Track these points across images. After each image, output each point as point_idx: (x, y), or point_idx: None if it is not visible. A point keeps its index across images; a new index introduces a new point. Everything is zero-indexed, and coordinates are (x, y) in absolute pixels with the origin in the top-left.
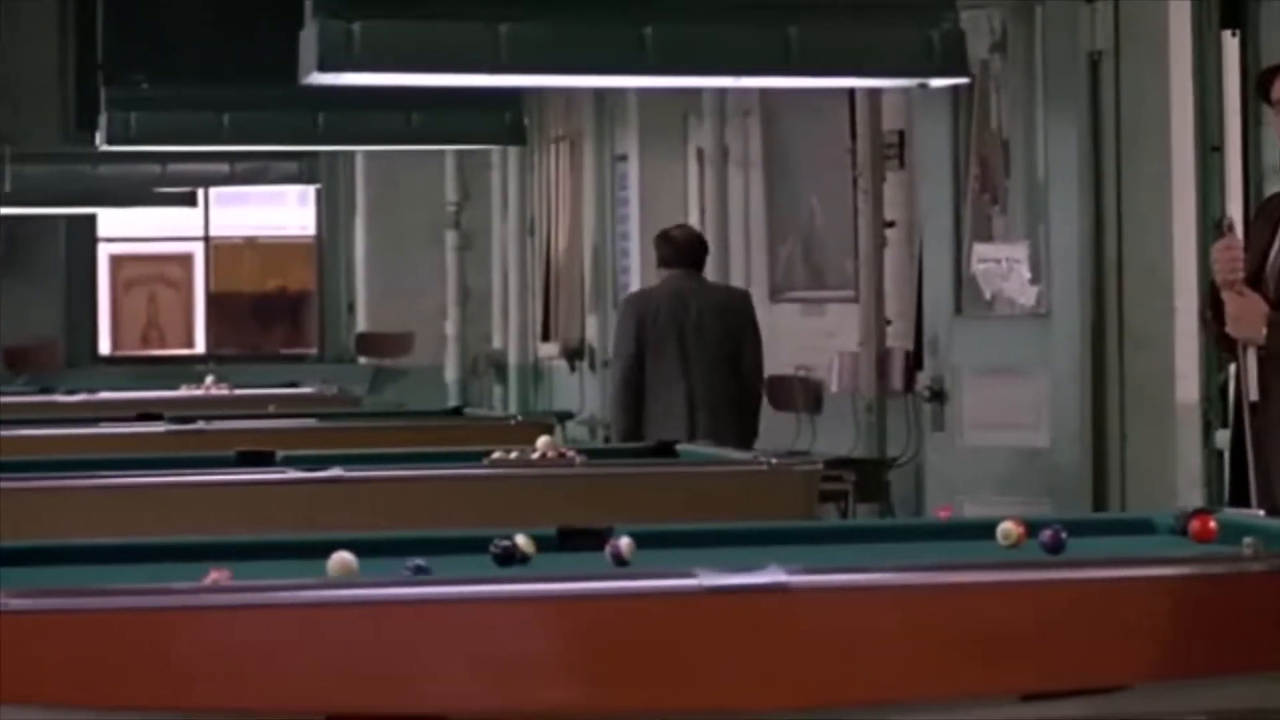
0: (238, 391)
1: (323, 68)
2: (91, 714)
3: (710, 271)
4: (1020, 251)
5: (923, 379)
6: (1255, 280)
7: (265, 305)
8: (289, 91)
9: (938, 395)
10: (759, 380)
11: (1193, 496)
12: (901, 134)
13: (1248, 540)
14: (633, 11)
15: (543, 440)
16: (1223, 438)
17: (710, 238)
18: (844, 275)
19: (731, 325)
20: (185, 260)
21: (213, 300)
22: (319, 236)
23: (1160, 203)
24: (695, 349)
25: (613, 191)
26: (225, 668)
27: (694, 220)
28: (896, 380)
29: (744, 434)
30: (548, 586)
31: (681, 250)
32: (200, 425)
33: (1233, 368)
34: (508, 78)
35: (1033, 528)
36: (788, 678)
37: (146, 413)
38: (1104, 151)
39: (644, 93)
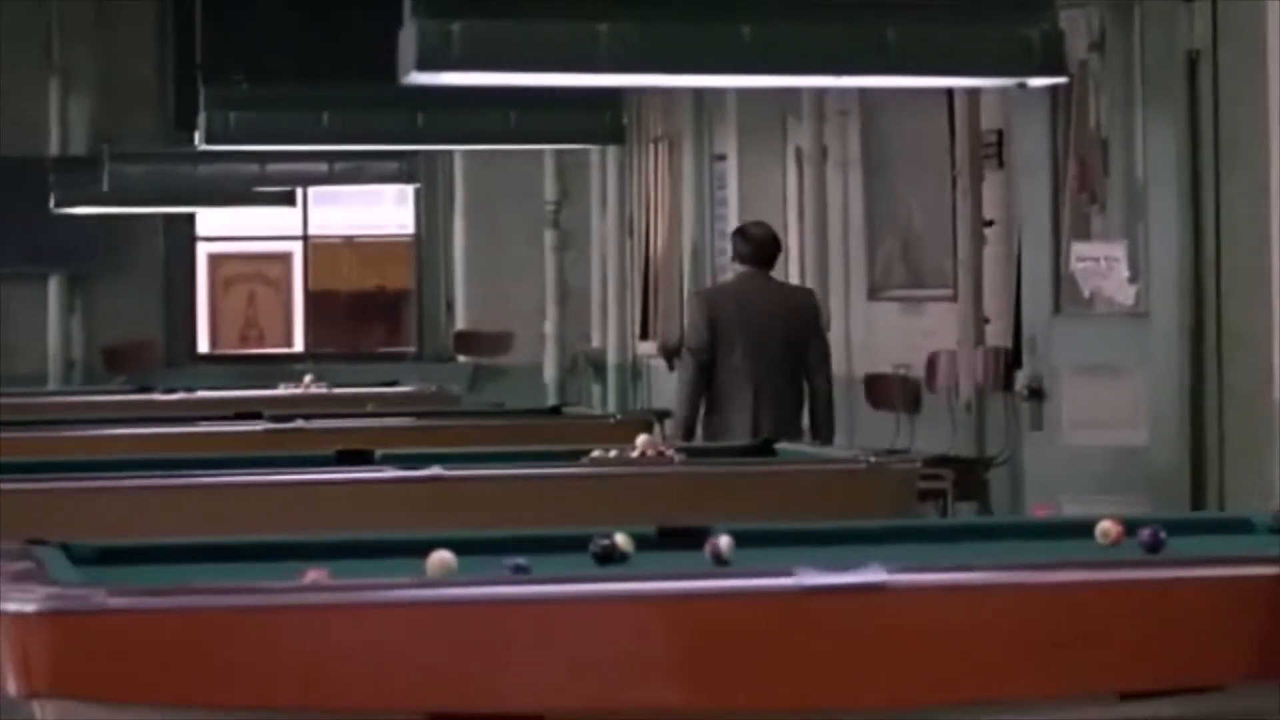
0: (336, 390)
1: (422, 67)
2: (190, 712)
3: (810, 270)
4: (1118, 250)
5: (1021, 378)
6: None
7: (364, 304)
8: (388, 91)
9: (1036, 394)
10: (827, 378)
11: None
12: (1000, 133)
13: None
14: (732, 11)
15: (642, 439)
16: None
17: (809, 237)
18: (942, 274)
19: (797, 325)
20: (284, 259)
21: (311, 299)
22: (418, 235)
23: (1259, 201)
24: (761, 347)
25: (711, 191)
26: (323, 667)
27: (793, 220)
28: (995, 379)
29: (818, 432)
30: (647, 586)
31: (757, 248)
32: (299, 424)
33: None
34: (607, 77)
35: (1131, 527)
36: (886, 676)
37: (245, 412)
38: (1202, 150)
39: (743, 92)
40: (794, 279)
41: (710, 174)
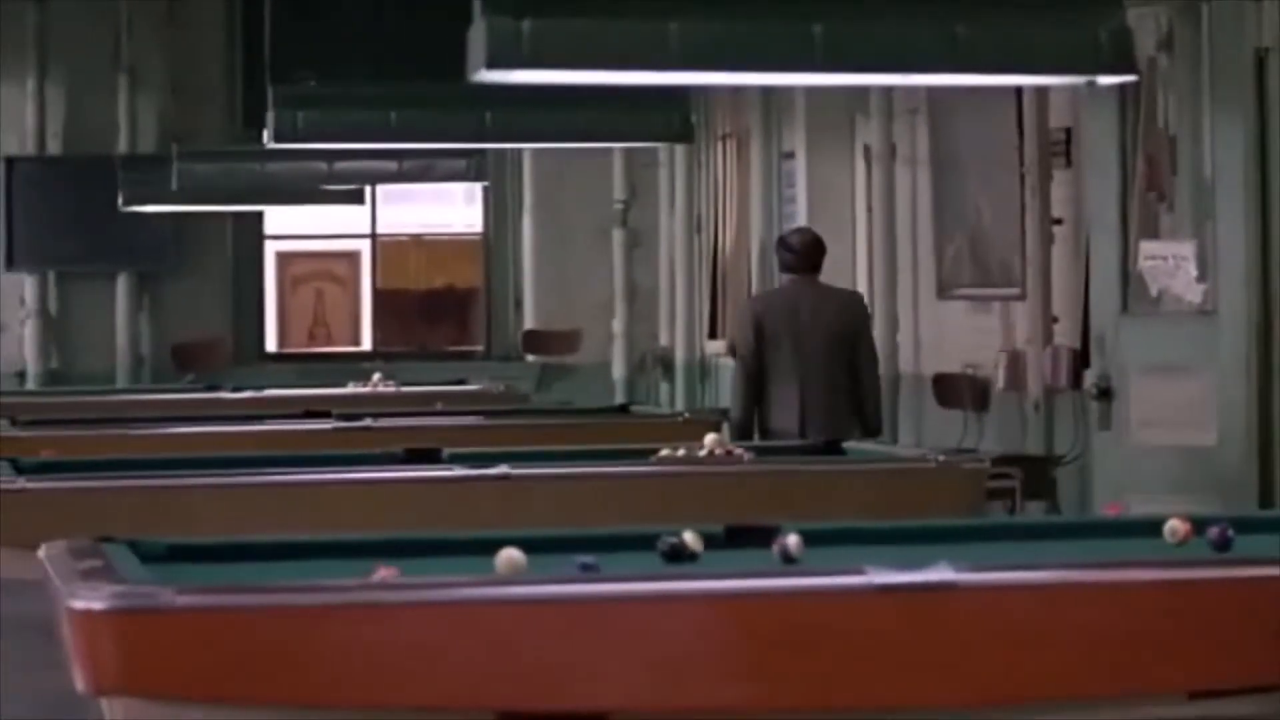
0: (404, 389)
1: (491, 66)
2: (258, 711)
3: (878, 269)
4: (1187, 249)
5: (1090, 376)
6: None
7: (432, 302)
8: (457, 89)
9: (1105, 393)
10: (875, 381)
11: None
12: (1068, 131)
13: None
14: (802, 9)
15: (710, 438)
16: None
17: (877, 235)
18: (1011, 273)
19: (846, 328)
20: (352, 258)
21: (379, 297)
22: (486, 234)
23: None
24: (808, 350)
25: (779, 189)
26: (394, 665)
27: (861, 218)
28: (1063, 378)
29: (866, 431)
30: (715, 584)
31: (802, 255)
32: (367, 423)
33: None
34: (676, 75)
35: (1200, 526)
36: (955, 675)
37: (314, 410)
38: (1271, 148)
39: (811, 90)
40: (862, 278)
41: (778, 172)
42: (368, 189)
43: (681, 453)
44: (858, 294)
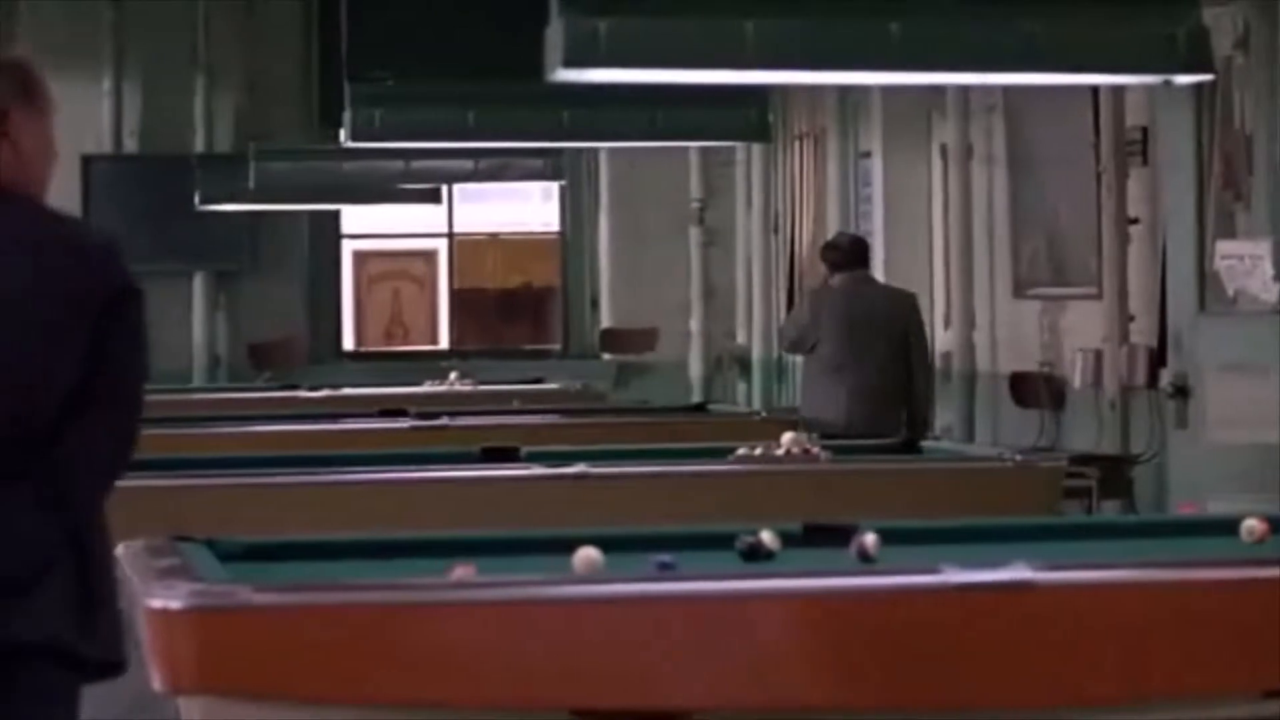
0: (481, 387)
1: (569, 65)
2: (334, 709)
3: (954, 268)
4: (1263, 248)
5: (1166, 375)
6: None
7: (509, 301)
8: (534, 88)
9: (1181, 392)
10: (926, 378)
11: None
12: (1145, 131)
13: None
14: (879, 8)
15: (787, 436)
16: None
17: (954, 235)
18: (1087, 272)
19: (897, 323)
20: (429, 256)
21: (456, 296)
22: (563, 233)
23: None
24: (861, 344)
25: (856, 188)
26: (470, 663)
27: (937, 217)
28: (1140, 377)
29: (913, 425)
30: (793, 583)
31: (849, 253)
32: (444, 421)
33: None
34: (753, 74)
35: (1276, 524)
36: (1032, 674)
37: (390, 409)
38: None
39: (888, 89)
40: (938, 277)
41: (855, 171)
42: (444, 188)
43: (759, 451)
44: (911, 292)
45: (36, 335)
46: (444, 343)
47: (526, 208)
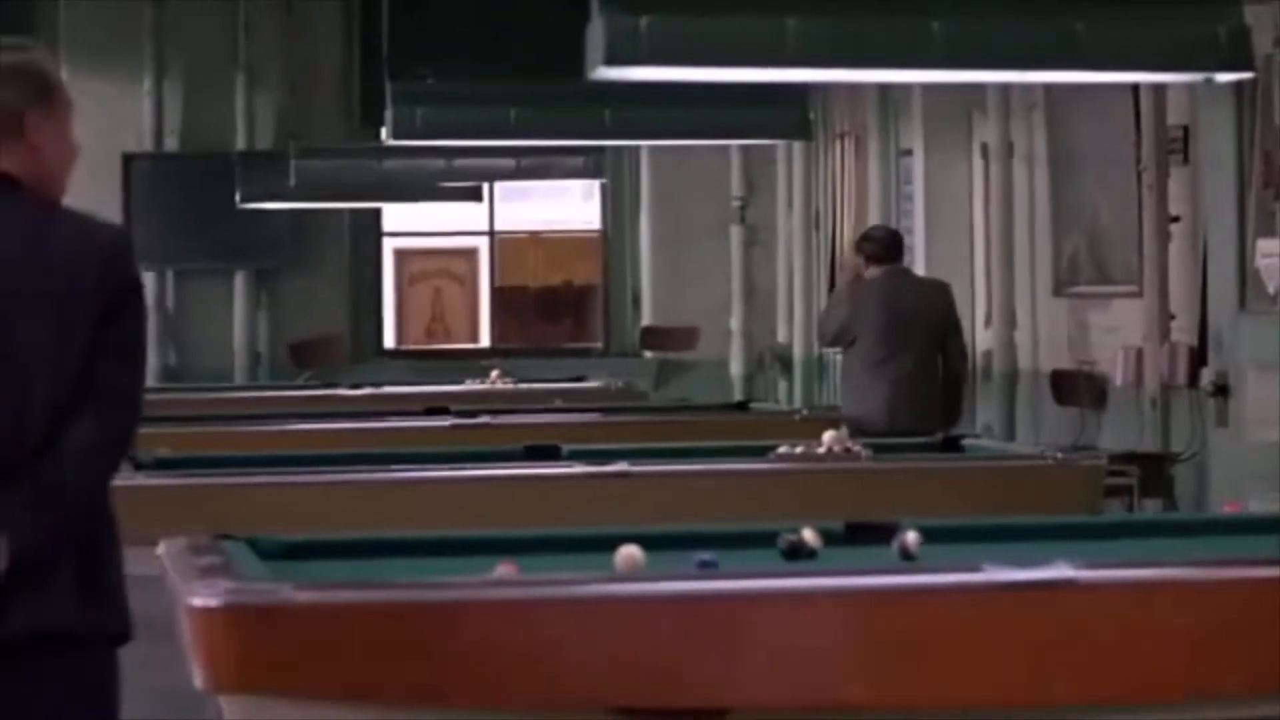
0: (522, 386)
1: (610, 63)
2: (377, 707)
3: (995, 266)
4: None
5: (1207, 374)
6: None
7: (550, 300)
8: (575, 86)
9: (1222, 390)
10: (963, 366)
11: None
12: (1186, 129)
13: None
14: (920, 6)
15: (828, 435)
16: None
17: (995, 233)
18: (1128, 270)
19: (936, 316)
20: (470, 255)
21: (497, 294)
22: (604, 231)
23: None
24: (901, 336)
25: (897, 186)
26: (512, 661)
27: (978, 216)
28: (1180, 375)
29: (949, 416)
30: (834, 581)
31: (886, 246)
32: (485, 419)
33: None
34: (795, 73)
35: None
36: (1073, 673)
37: (432, 407)
38: None
39: (929, 87)
40: (979, 275)
41: (896, 169)
42: (485, 186)
43: (800, 449)
44: (944, 282)
45: (40, 329)
46: (485, 341)
47: (567, 206)
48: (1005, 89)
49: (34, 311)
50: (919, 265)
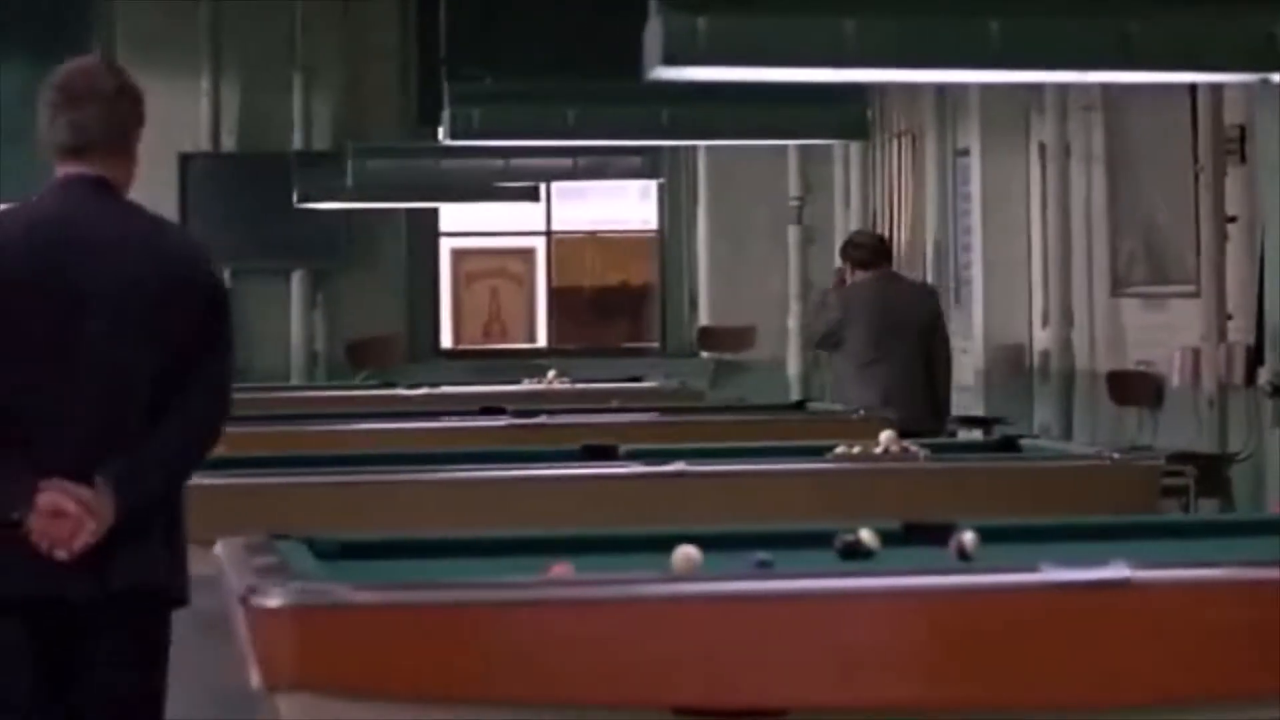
0: (579, 385)
1: (668, 62)
2: (433, 707)
3: (1053, 266)
4: None
5: (1264, 373)
6: None
7: (607, 300)
8: (633, 86)
9: (1278, 390)
10: (948, 370)
11: None
12: (1242, 129)
13: None
14: (978, 6)
15: (885, 435)
16: None
17: (1052, 233)
18: (1185, 270)
19: (924, 318)
20: (527, 255)
21: (554, 294)
22: (661, 231)
23: None
24: (891, 340)
25: (954, 186)
26: (569, 661)
27: (1035, 215)
28: (1238, 375)
29: (937, 418)
30: (892, 581)
31: (873, 251)
32: (542, 419)
33: None
34: (852, 73)
35: None
36: (1130, 673)
37: (489, 407)
38: None
39: (986, 87)
40: (1036, 275)
41: (953, 169)
42: (542, 186)
43: (857, 450)
44: (932, 287)
45: (155, 318)
46: (541, 341)
47: (624, 206)
48: (1063, 89)
49: (152, 302)
50: (975, 265)
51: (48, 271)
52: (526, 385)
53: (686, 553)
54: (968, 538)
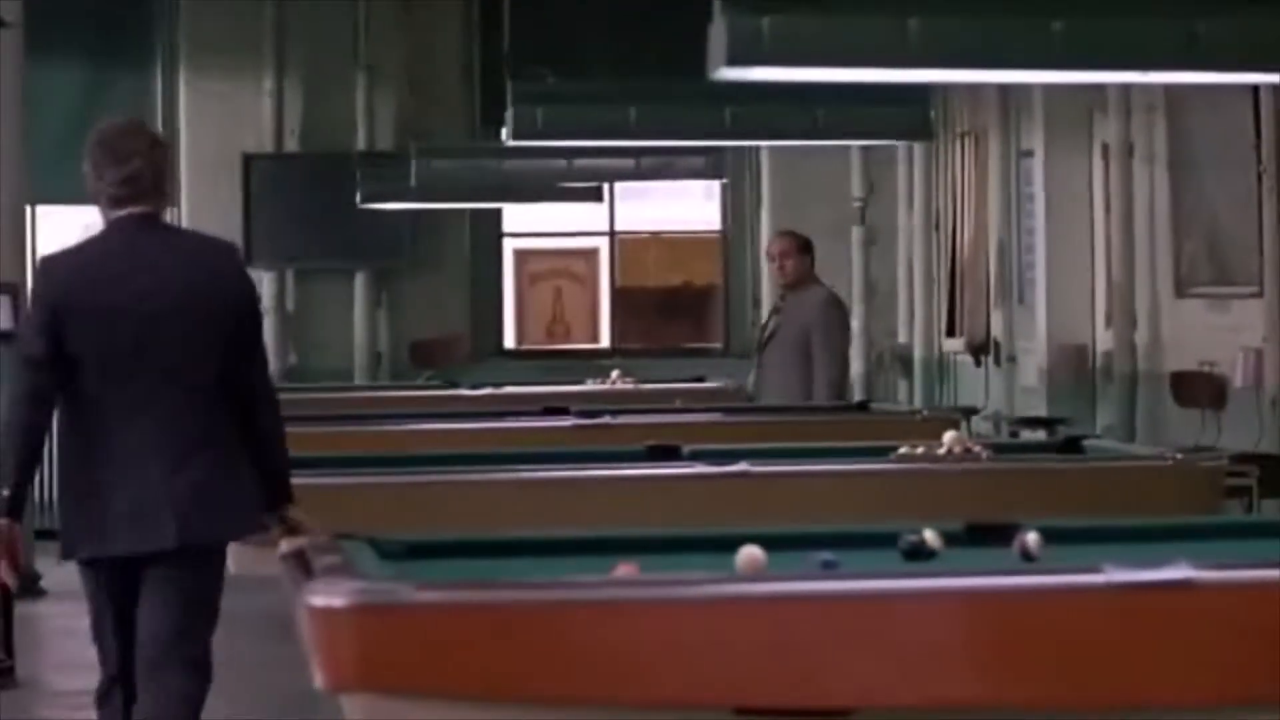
0: (643, 386)
1: (732, 63)
2: (497, 707)
3: (1116, 267)
4: None
5: None
6: None
7: (670, 300)
8: (696, 86)
9: None
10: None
11: None
12: None
13: None
14: (1042, 7)
15: (949, 435)
16: None
17: (1115, 233)
18: (1249, 271)
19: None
20: (590, 255)
21: (618, 295)
22: (724, 231)
23: None
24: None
25: (1018, 187)
26: (633, 661)
27: (1099, 216)
28: None
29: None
30: (956, 582)
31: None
32: (606, 420)
33: None
34: (916, 73)
35: None
36: (1194, 673)
37: (552, 407)
38: None
39: (1049, 87)
40: (1100, 276)
41: (1017, 170)
42: (606, 186)
43: (920, 450)
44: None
45: (204, 327)
46: (605, 341)
47: (688, 206)
48: (1126, 89)
49: (195, 317)
50: (1038, 266)
51: (125, 291)
52: (590, 385)
53: (751, 553)
54: (1031, 538)
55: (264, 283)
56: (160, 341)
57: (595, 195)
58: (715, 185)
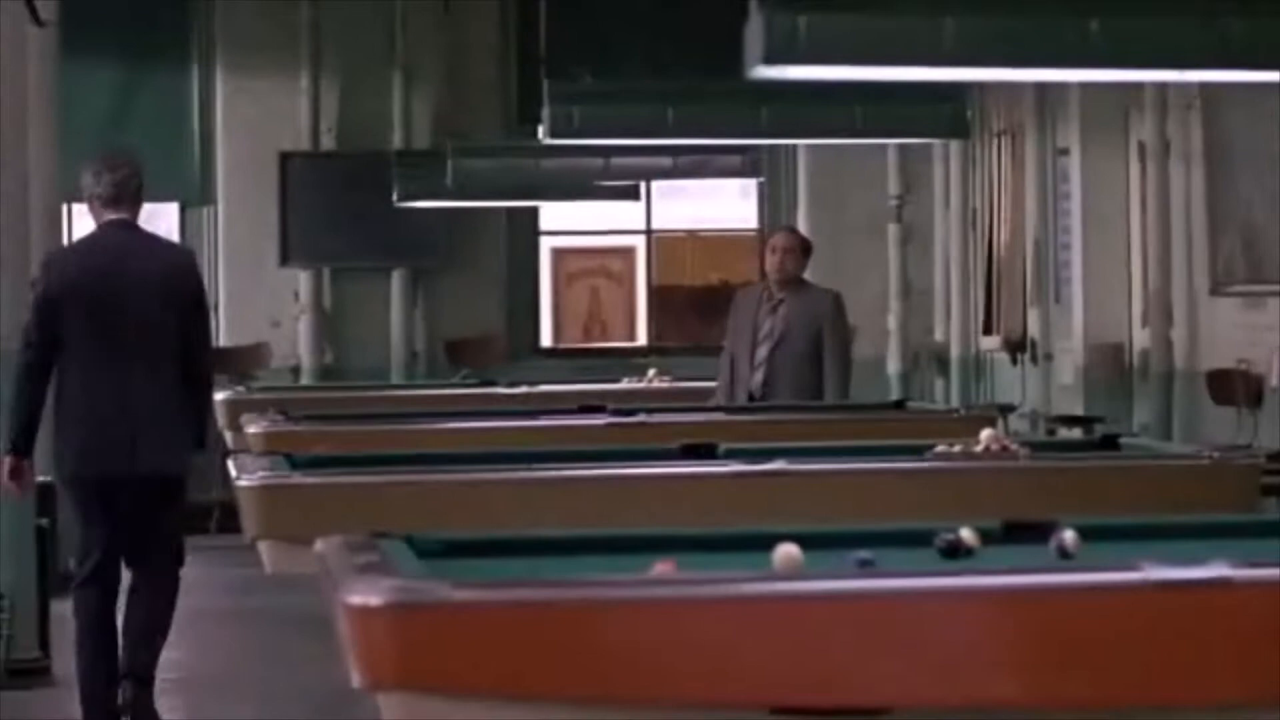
0: (679, 384)
1: (768, 61)
2: (534, 705)
3: (1152, 265)
4: None
5: None
6: None
7: (707, 298)
8: (733, 85)
9: None
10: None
11: None
12: None
13: None
14: (1078, 5)
15: (986, 433)
16: None
17: (1151, 231)
18: None
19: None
20: (627, 253)
21: (654, 293)
22: (761, 230)
23: None
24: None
25: (1054, 185)
26: (670, 660)
27: (1135, 214)
28: None
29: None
30: (993, 580)
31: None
32: (642, 418)
33: None
34: (953, 71)
35: None
36: (1231, 672)
37: (589, 405)
38: None
39: (1086, 86)
40: (1136, 274)
41: (1053, 168)
42: (643, 185)
43: (957, 448)
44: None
45: (162, 312)
46: (642, 339)
47: (724, 204)
48: (1162, 87)
49: (158, 301)
50: (1075, 264)
51: (108, 279)
52: (626, 384)
53: (788, 551)
54: (1068, 536)
55: (301, 281)
56: (134, 317)
57: (632, 194)
58: (752, 184)
